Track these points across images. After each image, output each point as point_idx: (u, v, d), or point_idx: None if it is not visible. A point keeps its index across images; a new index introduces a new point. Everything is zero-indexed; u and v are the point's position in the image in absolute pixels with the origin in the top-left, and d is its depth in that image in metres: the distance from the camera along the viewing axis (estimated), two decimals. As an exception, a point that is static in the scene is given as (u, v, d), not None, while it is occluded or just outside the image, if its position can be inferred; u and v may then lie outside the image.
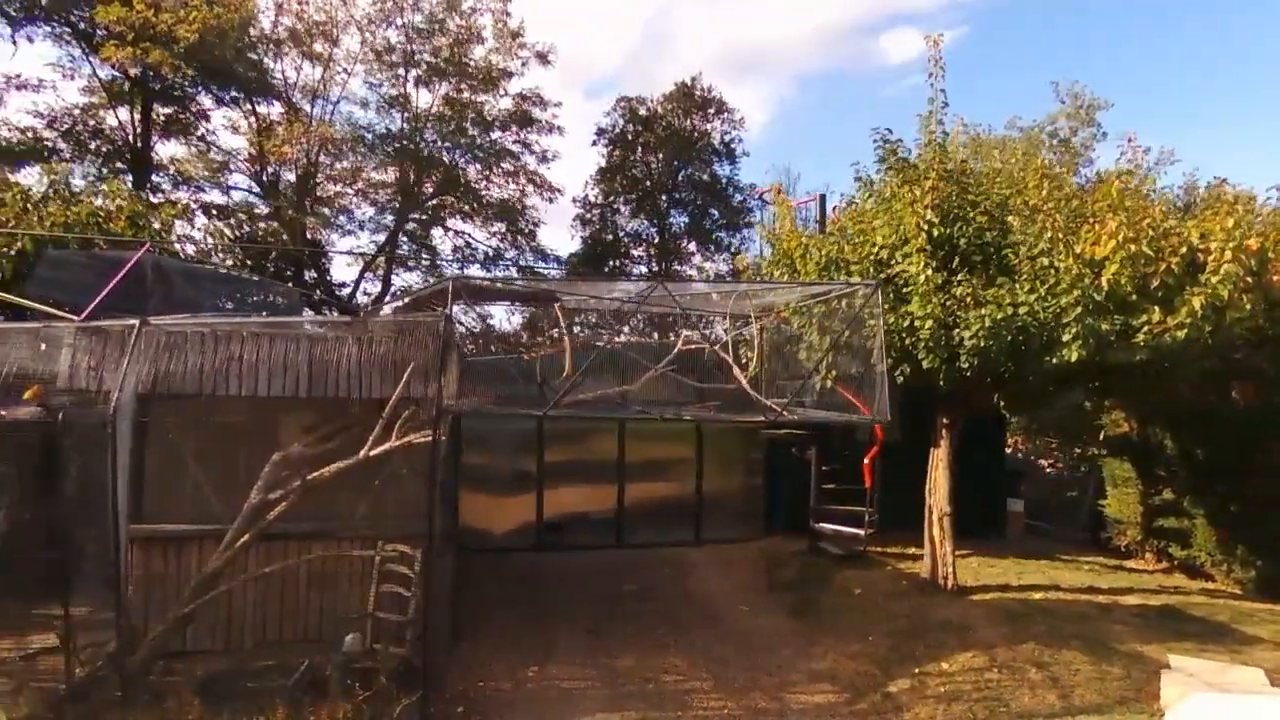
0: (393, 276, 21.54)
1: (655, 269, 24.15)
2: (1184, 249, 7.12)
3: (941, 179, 8.04)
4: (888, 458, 11.63)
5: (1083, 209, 7.76)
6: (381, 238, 21.75)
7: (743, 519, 13.01)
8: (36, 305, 6.71)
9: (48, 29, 18.01)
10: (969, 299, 7.53)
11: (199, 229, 15.45)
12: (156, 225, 9.66)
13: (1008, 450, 18.13)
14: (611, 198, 24.12)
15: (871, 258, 8.22)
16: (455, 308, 7.89)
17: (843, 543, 11.55)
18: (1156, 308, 7.21)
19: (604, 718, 6.88)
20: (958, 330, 7.58)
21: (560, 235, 61.66)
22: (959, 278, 7.78)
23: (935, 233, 7.82)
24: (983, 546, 12.64)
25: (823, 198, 12.69)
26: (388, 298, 21.32)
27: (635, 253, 24.40)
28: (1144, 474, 12.72)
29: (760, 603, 9.81)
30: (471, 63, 19.30)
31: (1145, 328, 7.26)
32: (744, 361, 7.68)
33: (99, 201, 8.97)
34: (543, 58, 20.24)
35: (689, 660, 8.02)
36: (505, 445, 12.06)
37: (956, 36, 51.86)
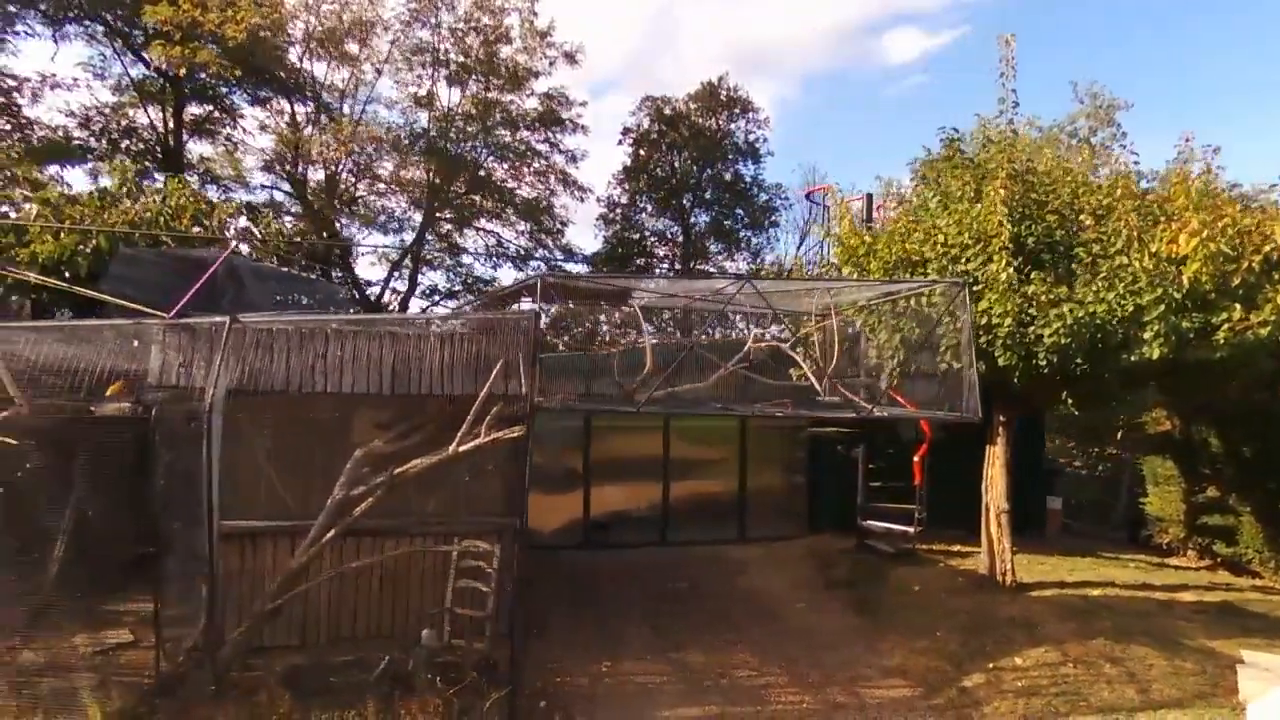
0: (418, 275, 21.64)
1: (679, 268, 24.22)
2: (1268, 246, 7.17)
3: (1010, 178, 8.09)
4: (930, 455, 11.68)
5: (1154, 208, 7.81)
6: (408, 237, 21.86)
7: (787, 517, 13.07)
8: (126, 303, 6.74)
9: (80, 28, 18.09)
10: (1043, 297, 7.58)
11: (239, 228, 15.45)
12: (213, 223, 9.73)
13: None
14: (636, 197, 24.17)
15: (946, 256, 8.25)
16: (527, 303, 7.94)
17: (892, 540, 11.59)
18: (1238, 305, 7.26)
19: (685, 712, 6.93)
20: (1033, 328, 7.63)
21: (580, 234, 61.91)
22: (1032, 276, 7.82)
23: (1005, 232, 7.87)
24: (1025, 544, 12.62)
25: (869, 196, 12.72)
26: (414, 296, 21.44)
27: (660, 252, 24.45)
28: (1187, 472, 12.76)
29: (817, 600, 9.86)
30: (501, 62, 19.35)
31: (1226, 325, 7.32)
32: (815, 360, 7.71)
33: (163, 201, 9.04)
34: (570, 57, 20.30)
35: (758, 656, 8.06)
36: (553, 443, 12.10)
37: (958, 36, 51.83)
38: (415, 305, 21.26)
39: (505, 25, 18.97)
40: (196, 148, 19.59)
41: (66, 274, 8.21)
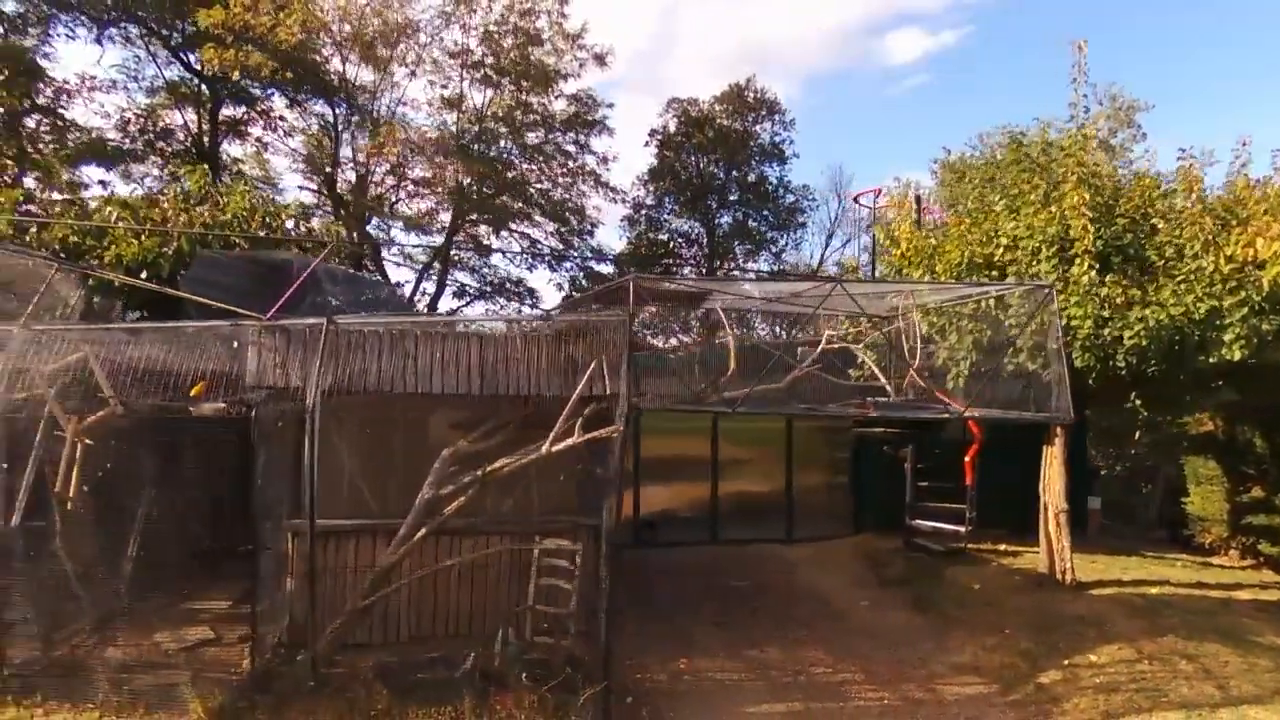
0: (448, 276, 21.72)
1: (704, 270, 24.34)
2: (1349, 249, 7.29)
3: (1081, 181, 8.19)
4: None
5: (1222, 210, 7.91)
6: (436, 238, 21.96)
7: (832, 516, 13.18)
8: (212, 302, 6.84)
9: (115, 31, 18.21)
10: (1119, 299, 7.69)
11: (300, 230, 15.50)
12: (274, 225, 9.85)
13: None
14: (663, 198, 24.30)
15: (1012, 258, 8.34)
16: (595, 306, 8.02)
17: (941, 539, 11.68)
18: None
19: (769, 708, 7.03)
20: (1108, 330, 7.73)
21: (605, 235, 61.85)
22: (1107, 279, 7.93)
23: (1073, 234, 7.98)
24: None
25: (918, 198, 12.84)
26: (442, 296, 21.55)
27: (686, 253, 24.58)
28: (1230, 471, 12.85)
29: (877, 597, 9.96)
30: (532, 65, 19.45)
31: (1305, 327, 7.44)
32: (896, 360, 7.79)
33: (236, 203, 9.17)
34: (600, 59, 20.41)
35: (830, 653, 8.15)
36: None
37: (961, 36, 51.82)
38: (444, 306, 21.45)
39: (537, 27, 19.09)
40: (227, 149, 19.73)
41: (143, 275, 8.31)
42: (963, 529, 11.43)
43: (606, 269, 22.93)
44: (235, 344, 6.60)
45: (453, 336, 7.18)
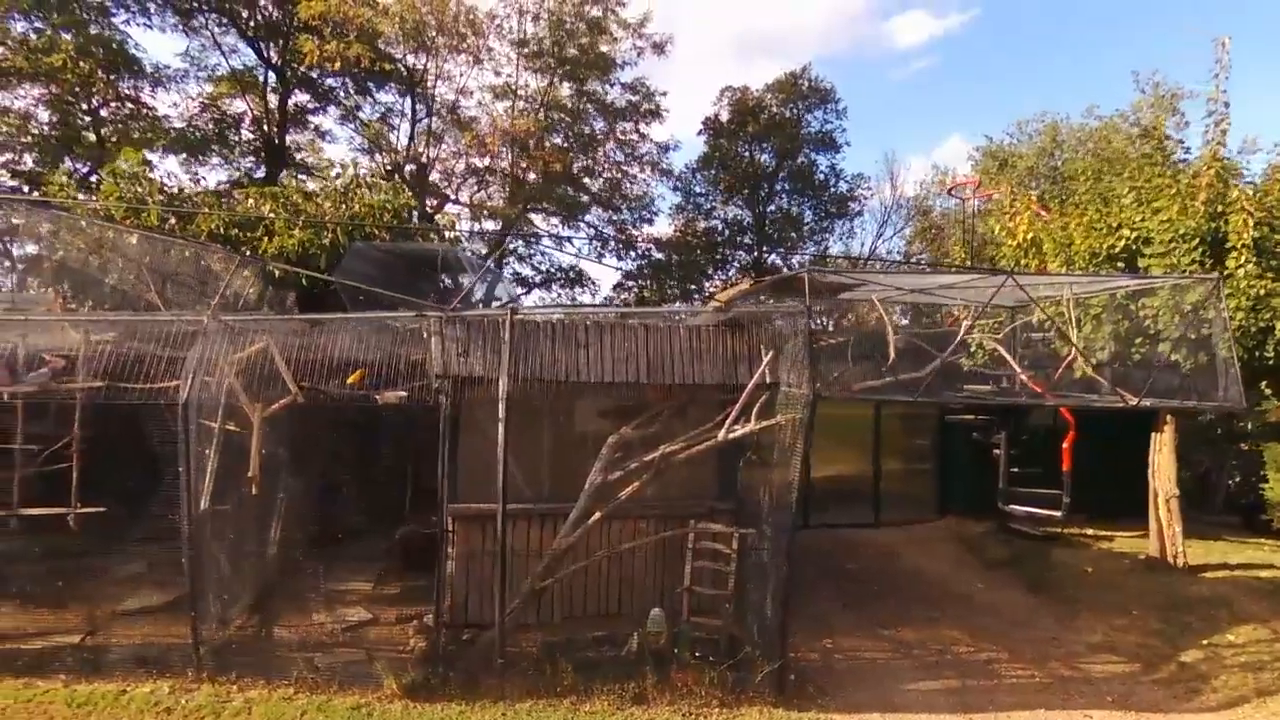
0: (503, 264, 21.85)
1: (755, 257, 24.51)
2: None
3: (1218, 178, 8.36)
4: (1052, 441, 12.02)
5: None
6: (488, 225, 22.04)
7: (919, 501, 13.44)
8: (403, 296, 7.04)
9: (180, 20, 18.28)
10: (1262, 291, 7.87)
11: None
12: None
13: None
14: (718, 186, 24.40)
15: (1162, 250, 8.49)
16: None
17: (1034, 524, 11.91)
18: None
19: (926, 685, 7.27)
20: (1256, 320, 7.91)
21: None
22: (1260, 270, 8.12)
23: (1203, 226, 8.15)
24: (1144, 528, 13.00)
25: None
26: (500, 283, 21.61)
27: (746, 240, 24.67)
28: (1313, 458, 13.01)
29: (989, 579, 10.21)
30: (595, 53, 19.52)
31: None
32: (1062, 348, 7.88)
33: (379, 196, 9.37)
34: (659, 48, 20.51)
35: (966, 633, 8.40)
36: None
37: (967, 20, 51.49)
38: (501, 293, 21.52)
39: (598, 15, 19.12)
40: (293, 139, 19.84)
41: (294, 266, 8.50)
42: (1058, 513, 11.64)
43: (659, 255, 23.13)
44: (425, 334, 6.79)
45: (620, 327, 7.38)
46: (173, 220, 8.60)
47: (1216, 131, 8.95)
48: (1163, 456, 9.98)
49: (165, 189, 9.40)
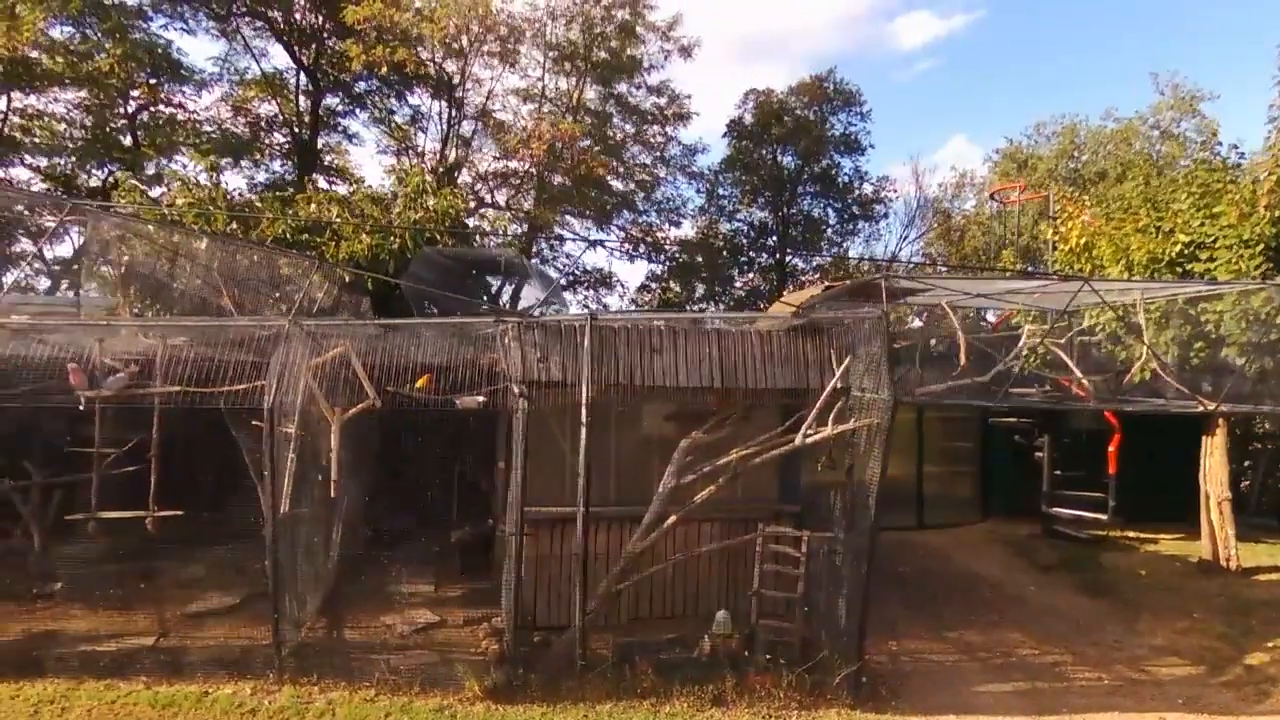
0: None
1: (777, 259, 24.56)
2: None
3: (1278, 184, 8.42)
4: (1094, 445, 12.12)
5: None
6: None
7: (961, 503, 13.47)
8: (476, 301, 7.10)
9: (215, 25, 18.38)
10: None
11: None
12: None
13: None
14: (743, 189, 24.45)
15: (1226, 255, 8.53)
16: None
17: (1080, 526, 11.97)
18: None
19: (996, 688, 7.31)
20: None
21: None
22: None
23: (1267, 232, 8.21)
24: (1189, 529, 13.03)
25: (1048, 196, 13.00)
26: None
27: (768, 243, 24.72)
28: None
29: (1043, 582, 10.24)
30: (625, 57, 19.60)
31: None
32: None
33: (435, 202, 9.46)
34: (686, 51, 20.55)
35: (1029, 636, 8.44)
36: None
37: (971, 21, 51.44)
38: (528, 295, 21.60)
39: (627, 19, 19.18)
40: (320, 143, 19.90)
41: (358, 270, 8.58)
42: (1104, 516, 11.72)
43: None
44: (506, 339, 6.85)
45: (693, 332, 7.44)
46: (234, 224, 8.68)
47: (1278, 137, 9.01)
48: (1214, 460, 10.03)
49: (228, 195, 9.49)
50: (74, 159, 16.15)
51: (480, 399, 7.10)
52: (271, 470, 6.69)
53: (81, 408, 7.06)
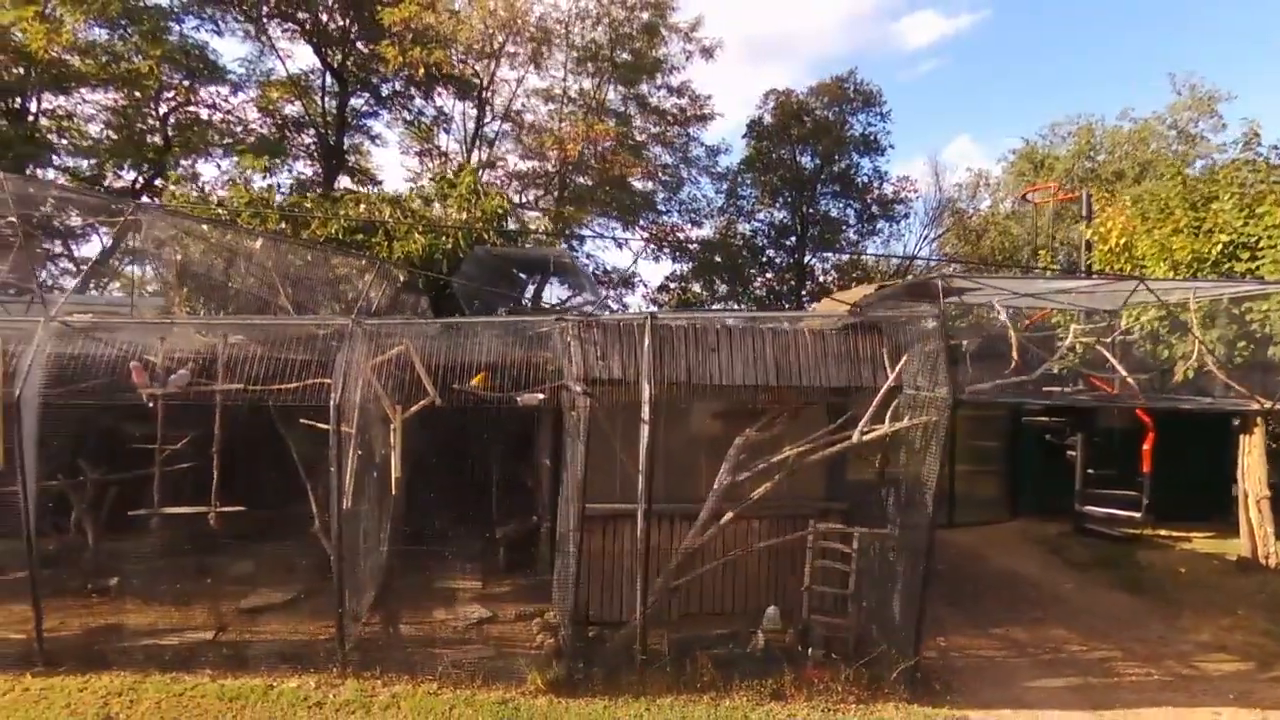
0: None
1: (796, 259, 24.66)
2: None
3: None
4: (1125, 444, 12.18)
5: None
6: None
7: (991, 502, 13.53)
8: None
9: (242, 26, 18.52)
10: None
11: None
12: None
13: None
14: (763, 189, 24.54)
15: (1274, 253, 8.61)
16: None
17: (1113, 525, 12.03)
18: None
19: (1048, 683, 7.37)
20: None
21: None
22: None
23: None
24: (1218, 528, 13.06)
25: (1088, 196, 13.07)
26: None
27: (788, 243, 24.82)
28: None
29: (1080, 580, 10.30)
30: (647, 58, 19.71)
31: None
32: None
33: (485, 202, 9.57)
34: (708, 53, 20.64)
35: (1076, 633, 8.50)
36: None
37: (977, 21, 51.46)
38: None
39: (651, 20, 19.28)
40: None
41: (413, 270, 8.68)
42: (1138, 515, 11.77)
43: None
44: (569, 340, 6.95)
45: (748, 331, 7.53)
46: (284, 224, 8.80)
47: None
48: (1253, 458, 10.10)
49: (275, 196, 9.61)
50: (107, 159, 16.26)
51: (541, 396, 7.18)
52: (337, 466, 6.78)
53: (149, 404, 7.18)
